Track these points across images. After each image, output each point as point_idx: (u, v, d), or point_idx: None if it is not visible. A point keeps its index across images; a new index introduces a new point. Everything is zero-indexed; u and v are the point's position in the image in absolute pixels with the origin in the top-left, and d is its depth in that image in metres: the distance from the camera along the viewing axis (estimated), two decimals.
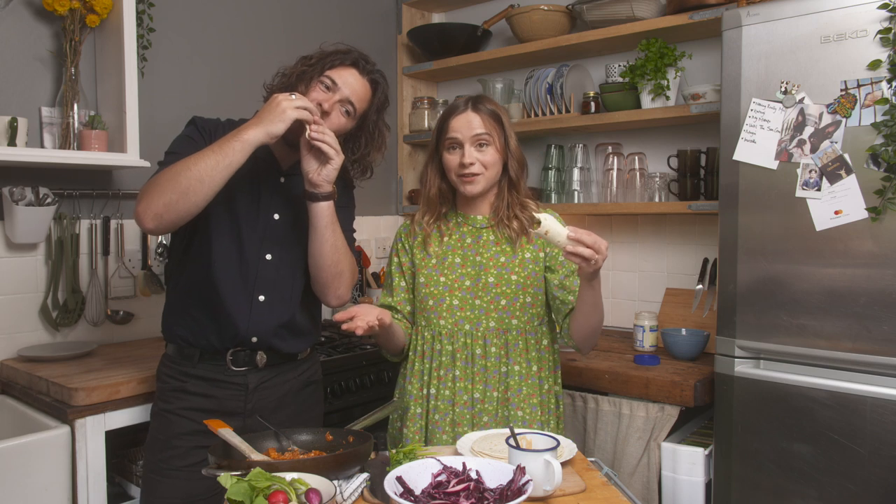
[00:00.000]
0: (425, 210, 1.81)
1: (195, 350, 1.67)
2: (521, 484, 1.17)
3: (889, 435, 1.71)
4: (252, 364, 1.68)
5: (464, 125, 1.71)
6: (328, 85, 1.64)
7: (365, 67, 1.68)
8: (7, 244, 2.18)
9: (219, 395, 1.66)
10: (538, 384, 1.74)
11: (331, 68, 1.64)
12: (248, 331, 1.65)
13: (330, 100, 1.63)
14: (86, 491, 1.84)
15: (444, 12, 3.49)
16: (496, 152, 1.72)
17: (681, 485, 2.03)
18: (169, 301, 1.74)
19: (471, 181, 1.71)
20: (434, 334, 1.75)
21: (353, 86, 1.66)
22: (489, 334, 1.72)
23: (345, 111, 1.66)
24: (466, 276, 1.74)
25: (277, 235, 1.70)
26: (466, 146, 1.70)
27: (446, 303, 1.73)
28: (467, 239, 1.78)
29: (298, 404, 1.77)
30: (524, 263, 1.73)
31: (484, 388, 1.71)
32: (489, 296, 1.72)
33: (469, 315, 1.72)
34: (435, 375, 1.74)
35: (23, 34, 2.21)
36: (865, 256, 1.74)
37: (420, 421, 1.76)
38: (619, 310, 2.89)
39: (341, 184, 1.87)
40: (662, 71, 2.48)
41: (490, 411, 1.71)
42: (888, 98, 1.69)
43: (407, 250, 1.83)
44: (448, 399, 1.72)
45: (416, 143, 3.40)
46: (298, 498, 1.12)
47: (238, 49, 2.73)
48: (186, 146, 1.61)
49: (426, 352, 1.76)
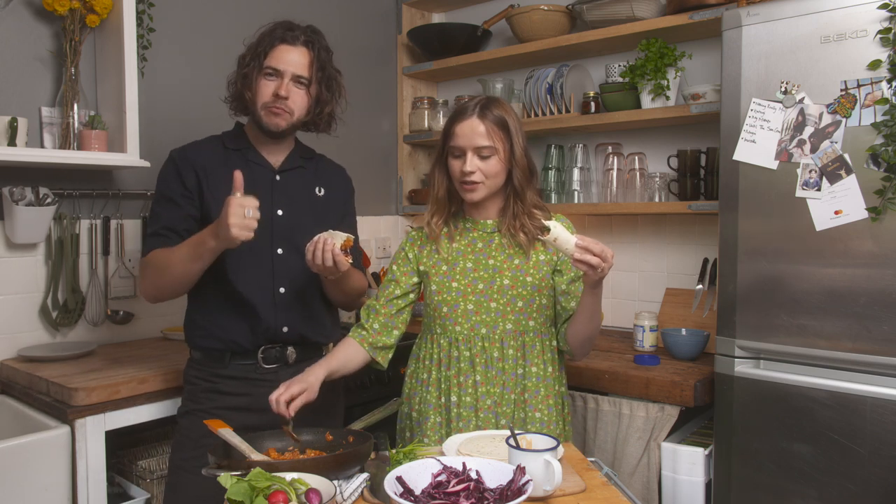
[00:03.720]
0: (434, 211, 1.78)
1: (225, 353, 1.72)
2: (521, 484, 1.17)
3: (889, 435, 1.71)
4: (283, 360, 1.74)
5: (467, 133, 1.66)
6: (271, 73, 1.69)
7: (292, 35, 1.71)
8: (7, 244, 2.18)
9: (253, 393, 1.71)
10: (554, 386, 1.74)
11: (265, 56, 1.68)
12: (278, 322, 1.72)
13: (281, 85, 1.69)
14: (86, 491, 1.84)
15: (444, 12, 3.49)
16: (500, 162, 1.67)
17: (681, 485, 2.03)
18: (191, 309, 1.78)
19: (471, 189, 1.69)
20: (451, 341, 1.72)
21: (293, 60, 1.70)
22: (506, 337, 1.70)
23: (299, 85, 1.72)
24: (479, 279, 1.72)
25: (285, 230, 1.75)
26: (468, 154, 1.66)
27: (461, 308, 1.71)
28: (478, 244, 1.76)
29: (323, 396, 1.79)
30: (538, 265, 1.72)
31: (501, 391, 1.69)
32: (505, 298, 1.70)
33: (485, 319, 1.70)
34: (455, 383, 1.71)
35: (23, 34, 2.21)
36: (865, 256, 1.74)
37: (441, 430, 1.73)
38: (619, 310, 2.89)
39: (345, 192, 1.91)
40: (662, 71, 2.48)
41: (507, 414, 1.69)
42: (888, 98, 1.69)
43: (411, 260, 1.79)
44: (471, 406, 1.70)
45: (416, 143, 3.39)
46: (298, 498, 1.12)
47: (238, 49, 2.71)
48: (169, 212, 1.71)
49: (443, 360, 1.73)
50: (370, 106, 3.23)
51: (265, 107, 1.70)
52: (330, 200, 1.86)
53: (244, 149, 1.78)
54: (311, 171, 1.85)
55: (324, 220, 1.77)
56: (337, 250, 1.57)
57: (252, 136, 1.80)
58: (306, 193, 1.82)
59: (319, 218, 1.79)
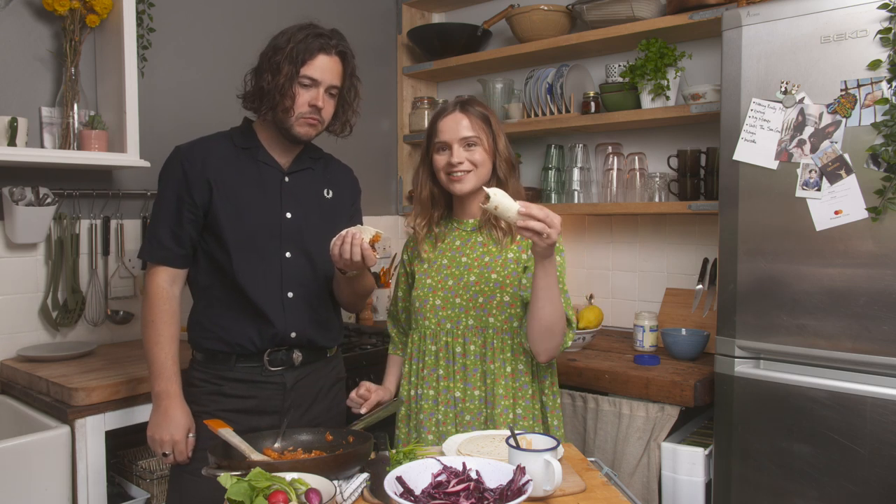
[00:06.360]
0: (418, 212, 1.82)
1: (230, 355, 1.71)
2: (521, 484, 1.17)
3: (889, 435, 1.71)
4: (289, 363, 1.74)
5: (451, 126, 1.71)
6: (308, 84, 1.67)
7: (329, 45, 1.69)
8: (7, 244, 2.18)
9: (259, 395, 1.71)
10: (523, 384, 1.71)
11: (303, 64, 1.65)
12: (286, 327, 1.71)
13: (318, 96, 1.68)
14: (86, 491, 1.84)
15: (444, 12, 3.49)
16: (485, 152, 1.72)
17: (681, 485, 2.03)
18: (196, 311, 1.77)
19: (459, 179, 1.71)
20: (421, 336, 1.76)
21: (329, 70, 1.69)
22: (468, 332, 1.71)
23: (331, 94, 1.72)
24: (450, 276, 1.74)
25: (293, 233, 1.74)
26: (455, 146, 1.70)
27: (430, 303, 1.74)
28: (456, 242, 1.78)
29: (329, 400, 1.83)
30: (506, 263, 1.72)
31: (465, 387, 1.70)
32: (468, 294, 1.71)
33: (450, 314, 1.72)
34: (421, 376, 1.75)
35: (23, 34, 2.21)
36: (865, 256, 1.74)
37: (410, 422, 1.78)
38: (619, 310, 2.89)
39: (352, 193, 1.91)
40: (662, 71, 2.48)
41: (472, 410, 1.70)
42: (888, 98, 1.69)
43: (405, 262, 1.88)
44: (432, 399, 1.73)
45: (416, 143, 3.39)
46: (298, 498, 1.12)
47: (238, 49, 2.73)
48: (172, 219, 1.69)
49: (414, 353, 1.78)
50: (370, 106, 3.22)
51: (301, 116, 1.67)
52: (338, 202, 1.85)
53: (253, 148, 1.75)
54: (319, 172, 1.83)
55: (332, 222, 1.76)
56: (366, 245, 1.55)
57: (263, 136, 1.77)
58: (315, 195, 1.81)
59: (328, 220, 1.77)
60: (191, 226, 1.69)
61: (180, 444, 1.64)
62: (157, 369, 1.66)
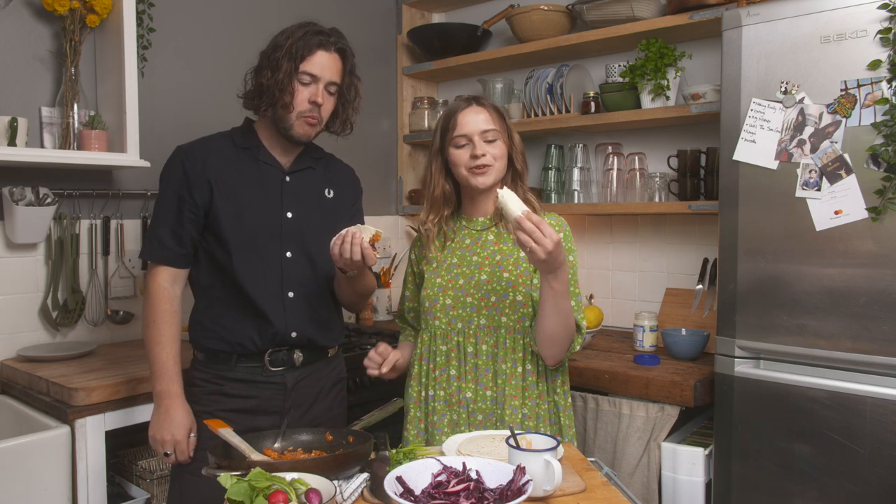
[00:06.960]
0: (429, 210, 1.80)
1: (231, 355, 1.71)
2: (521, 484, 1.17)
3: (889, 435, 1.71)
4: (290, 363, 1.74)
5: (472, 119, 1.71)
6: (307, 81, 1.67)
7: (328, 41, 1.69)
8: (7, 244, 2.18)
9: (259, 395, 1.72)
10: (534, 385, 1.71)
11: (302, 60, 1.65)
12: (287, 327, 1.71)
13: (317, 92, 1.68)
14: (86, 491, 1.84)
15: (444, 12, 3.49)
16: (503, 145, 1.73)
17: (681, 485, 2.03)
18: (197, 311, 1.77)
19: (483, 172, 1.70)
20: (431, 336, 1.75)
21: (328, 67, 1.69)
22: (480, 332, 1.70)
23: (330, 92, 1.72)
24: (461, 275, 1.73)
25: (293, 233, 1.74)
26: (476, 139, 1.69)
27: (440, 302, 1.73)
28: (466, 240, 1.77)
29: (330, 400, 1.83)
30: (518, 262, 1.72)
31: (476, 387, 1.70)
32: (480, 293, 1.70)
33: (461, 313, 1.71)
34: (433, 377, 1.73)
35: (23, 34, 2.21)
36: (865, 256, 1.74)
37: (420, 424, 1.76)
38: (619, 310, 2.89)
39: (354, 193, 1.91)
40: (662, 71, 2.48)
41: (484, 410, 1.69)
42: (888, 98, 1.69)
43: (412, 261, 1.87)
44: (444, 400, 1.72)
45: (416, 143, 3.40)
46: (298, 498, 1.12)
47: (238, 49, 2.73)
48: (172, 219, 1.69)
49: (424, 354, 1.76)
50: (370, 106, 3.21)
51: (301, 115, 1.67)
52: (339, 202, 1.85)
53: (254, 147, 1.75)
54: (320, 172, 1.84)
55: (333, 221, 1.76)
56: (366, 244, 1.56)
57: (264, 135, 1.77)
58: (316, 195, 1.81)
59: (329, 220, 1.77)
60: (191, 225, 1.69)
61: (182, 443, 1.64)
62: (159, 369, 1.66)
